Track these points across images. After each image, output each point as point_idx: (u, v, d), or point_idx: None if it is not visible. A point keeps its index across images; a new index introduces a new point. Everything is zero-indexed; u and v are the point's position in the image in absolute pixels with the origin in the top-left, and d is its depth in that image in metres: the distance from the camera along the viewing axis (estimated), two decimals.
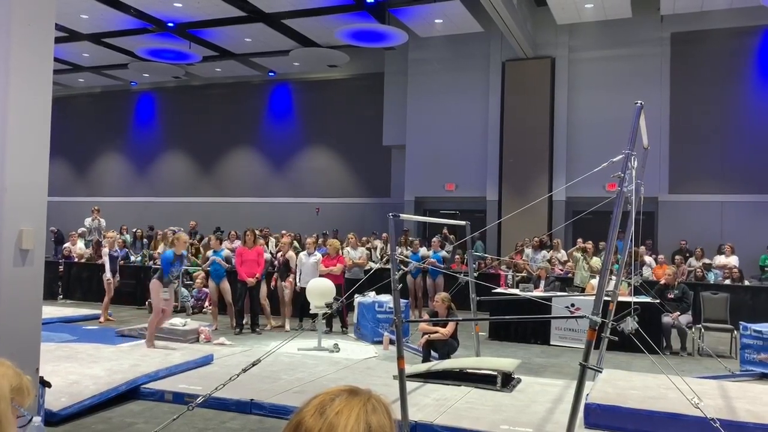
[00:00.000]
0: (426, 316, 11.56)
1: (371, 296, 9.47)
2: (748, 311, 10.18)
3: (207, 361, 7.06)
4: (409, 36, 16.39)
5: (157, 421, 5.17)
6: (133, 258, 14.52)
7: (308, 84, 20.82)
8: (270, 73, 20.97)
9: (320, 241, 12.83)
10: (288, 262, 10.40)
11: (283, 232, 13.25)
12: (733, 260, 13.16)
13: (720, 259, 13.32)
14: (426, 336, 7.39)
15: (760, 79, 15.32)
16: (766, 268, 13.47)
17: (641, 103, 4.97)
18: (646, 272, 12.56)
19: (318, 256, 10.30)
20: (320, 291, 8.58)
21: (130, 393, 5.86)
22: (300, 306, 10.10)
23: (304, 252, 10.39)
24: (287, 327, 10.11)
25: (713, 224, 15.02)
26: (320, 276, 9.83)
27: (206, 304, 11.54)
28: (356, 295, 9.36)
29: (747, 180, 15.00)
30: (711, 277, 12.62)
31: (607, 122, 15.03)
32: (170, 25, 16.74)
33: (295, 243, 12.62)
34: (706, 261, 13.25)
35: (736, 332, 8.56)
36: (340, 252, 10.80)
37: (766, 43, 15.32)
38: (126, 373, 6.06)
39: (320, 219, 19.40)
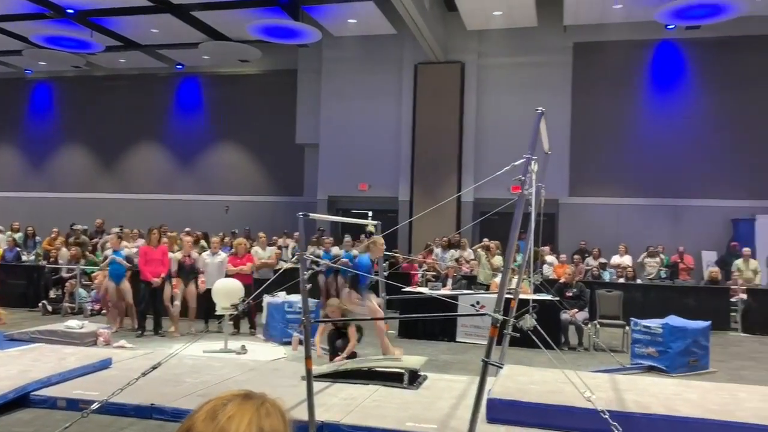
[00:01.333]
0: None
1: (281, 296, 9.36)
2: (639, 308, 10.84)
3: (105, 365, 6.75)
4: (322, 34, 16.32)
5: (48, 429, 4.89)
6: (25, 257, 13.66)
7: (219, 78, 20.30)
8: (178, 66, 20.28)
9: (227, 239, 12.56)
10: (194, 263, 10.11)
11: (188, 230, 12.86)
12: (626, 260, 14.00)
13: (615, 259, 14.12)
14: (323, 327, 7.47)
15: (653, 89, 16.36)
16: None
17: (542, 110, 5.19)
18: (548, 271, 13.12)
19: (223, 255, 10.08)
20: (227, 291, 8.39)
21: (20, 401, 5.51)
22: (205, 307, 9.84)
23: (208, 252, 10.14)
24: (192, 329, 9.82)
25: (610, 226, 15.90)
26: (228, 276, 9.64)
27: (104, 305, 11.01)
28: (265, 295, 9.22)
29: (641, 184, 15.98)
30: (606, 276, 13.35)
31: (514, 126, 15.56)
32: (70, 11, 15.83)
33: (203, 242, 12.28)
34: (603, 260, 14.01)
35: (627, 328, 9.10)
36: (249, 251, 10.61)
37: (658, 56, 16.38)
38: (15, 379, 5.69)
39: (230, 217, 18.97)
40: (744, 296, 11.77)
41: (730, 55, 15.61)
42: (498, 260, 12.06)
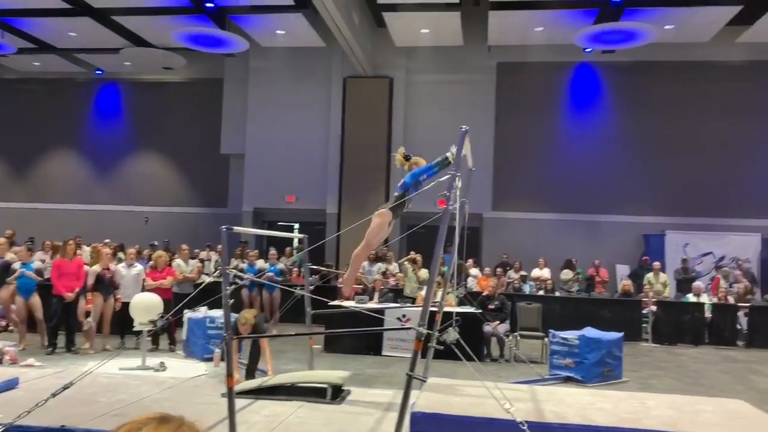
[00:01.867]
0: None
1: (202, 311, 9.12)
2: (557, 319, 11.21)
3: (11, 385, 6.34)
4: (250, 44, 16.14)
5: None
6: None
7: (140, 85, 19.67)
8: (97, 72, 19.52)
9: (146, 252, 12.15)
10: (113, 276, 9.71)
11: (107, 241, 12.36)
12: (545, 273, 14.47)
13: (535, 272, 14.57)
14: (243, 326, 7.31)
15: (571, 109, 17.08)
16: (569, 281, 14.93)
17: (466, 128, 5.32)
18: (472, 283, 13.39)
19: (139, 267, 9.73)
20: (145, 306, 8.10)
21: None
22: (119, 322, 9.47)
23: (123, 264, 9.77)
24: (107, 346, 9.40)
25: (530, 240, 16.41)
26: (148, 290, 9.32)
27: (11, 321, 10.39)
28: (186, 311, 8.96)
29: (560, 200, 16.61)
30: (527, 289, 13.75)
31: (441, 142, 15.59)
32: None
33: (120, 254, 11.81)
34: (524, 273, 14.43)
35: (546, 339, 9.39)
36: (169, 264, 10.30)
37: (577, 78, 17.13)
38: None
39: (149, 229, 18.33)
40: (654, 308, 12.40)
41: (642, 79, 16.52)
42: (424, 273, 12.20)
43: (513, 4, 13.91)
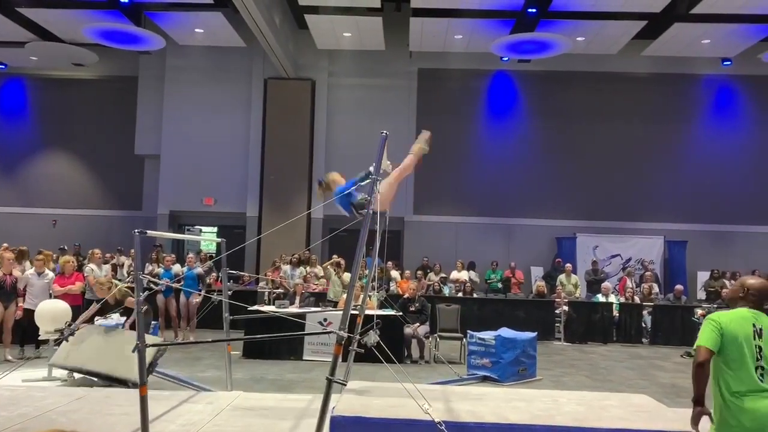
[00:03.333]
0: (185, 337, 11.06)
1: (115, 318, 8.74)
2: (476, 321, 11.50)
3: None
4: (166, 42, 15.67)
5: None
6: None
7: (48, 82, 18.66)
8: (0, 66, 18.39)
9: (55, 256, 11.54)
10: (15, 283, 9.16)
11: (5, 245, 11.65)
12: (464, 275, 14.80)
13: (454, 274, 14.87)
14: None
15: (489, 116, 17.56)
16: (488, 281, 15.39)
17: (386, 133, 5.38)
18: (393, 286, 13.52)
19: (50, 275, 9.25)
20: (52, 314, 7.69)
21: None
22: (22, 331, 8.95)
23: (31, 270, 9.25)
24: (8, 356, 8.87)
25: (450, 243, 16.75)
26: (56, 297, 8.86)
27: None
28: (97, 318, 8.56)
29: (478, 204, 17.04)
30: (446, 291, 14.02)
31: (363, 146, 15.87)
32: None
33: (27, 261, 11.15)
34: (443, 275, 14.70)
35: (464, 340, 9.60)
36: (79, 269, 9.82)
37: (494, 86, 17.63)
38: None
39: (58, 232, 17.44)
40: (566, 308, 12.92)
41: (555, 88, 17.21)
42: (348, 276, 12.21)
43: (433, 11, 14.16)
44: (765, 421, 3.16)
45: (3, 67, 18.40)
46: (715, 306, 12.49)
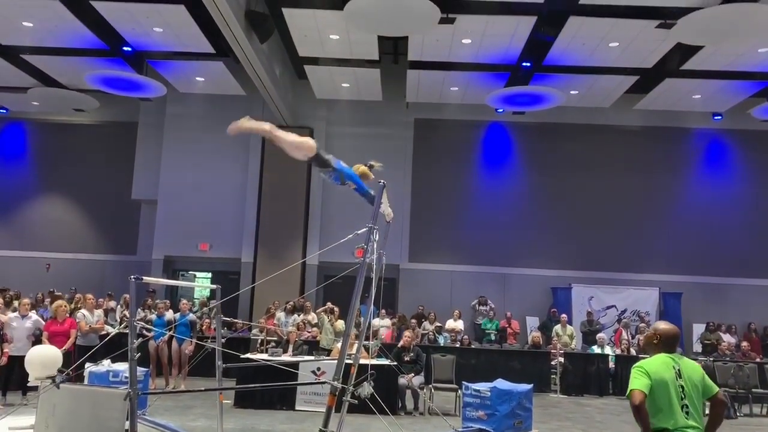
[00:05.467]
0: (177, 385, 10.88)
1: (106, 364, 8.62)
2: (471, 371, 11.36)
3: None
4: (167, 89, 15.92)
5: None
6: None
7: (49, 126, 18.84)
8: (1, 110, 18.59)
9: (47, 301, 11.45)
10: (2, 328, 9.06)
11: None
12: (459, 324, 14.70)
13: (449, 323, 14.77)
14: None
15: (484, 166, 17.75)
16: (486, 330, 15.26)
17: (384, 183, 5.46)
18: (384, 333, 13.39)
19: (34, 318, 9.14)
20: (42, 360, 7.57)
21: None
22: (5, 377, 8.81)
23: (15, 314, 9.16)
24: None
25: (445, 291, 16.69)
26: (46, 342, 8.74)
27: None
28: (88, 364, 8.44)
29: (473, 253, 17.04)
30: (441, 340, 13.89)
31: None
32: None
33: (15, 303, 11.06)
34: (438, 324, 14.59)
35: (459, 391, 9.47)
36: (71, 314, 9.73)
37: (489, 136, 17.88)
38: None
39: (52, 276, 17.32)
40: (562, 360, 12.80)
41: (550, 140, 17.47)
42: (341, 324, 12.11)
43: (430, 64, 14.49)
44: None
45: (4, 111, 18.62)
46: (711, 359, 12.40)
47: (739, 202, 17.27)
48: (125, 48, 14.27)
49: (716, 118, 16.99)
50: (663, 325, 3.93)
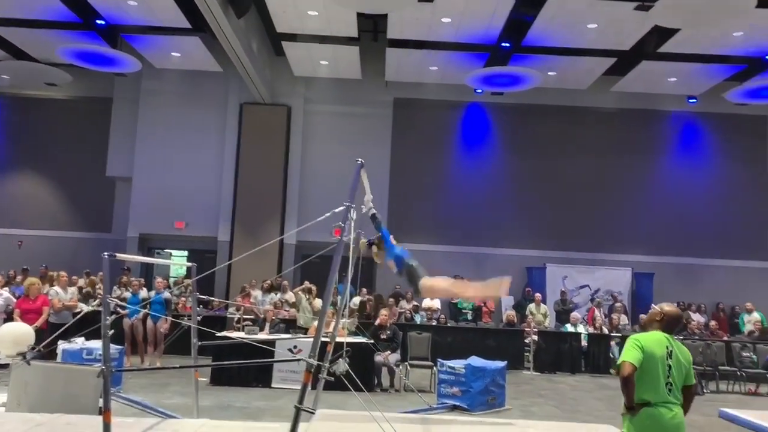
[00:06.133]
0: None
1: (79, 342, 8.57)
2: (446, 349, 11.50)
3: None
4: (142, 64, 15.65)
5: None
6: None
7: (20, 101, 18.39)
8: None
9: (19, 278, 11.31)
10: None
11: None
12: (436, 303, 14.81)
13: (426, 302, 14.87)
14: None
15: (462, 146, 17.79)
16: (463, 310, 15.38)
17: (362, 161, 5.44)
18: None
19: (5, 295, 9.04)
20: (13, 337, 7.49)
21: None
22: None
23: None
24: None
25: (422, 271, 16.73)
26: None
27: None
28: (61, 342, 8.38)
29: (451, 233, 17.13)
30: (418, 319, 14.01)
31: (338, 173, 15.89)
32: None
33: None
34: (415, 303, 14.69)
35: (435, 368, 9.59)
36: (43, 291, 9.63)
37: (468, 117, 17.90)
38: None
39: (24, 253, 17.06)
40: (535, 337, 13.00)
41: (527, 121, 17.54)
42: (319, 303, 12.13)
43: (409, 42, 14.41)
44: (665, 426, 3.80)
45: None
46: (681, 338, 12.68)
47: (711, 185, 17.56)
48: (98, 21, 13.97)
49: (691, 101, 17.20)
50: (668, 307, 4.10)
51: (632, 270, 16.82)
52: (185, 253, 17.60)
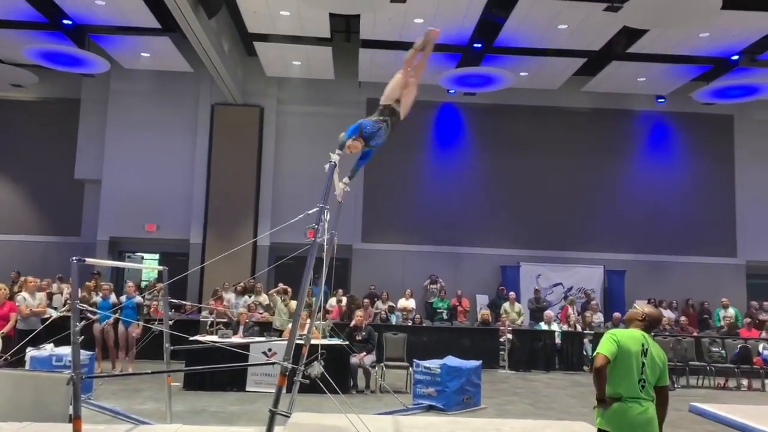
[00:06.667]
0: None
1: (48, 349, 8.38)
2: (422, 349, 11.48)
3: None
4: (111, 65, 15.39)
5: None
6: None
7: None
8: None
9: None
10: None
11: None
12: (411, 303, 14.84)
13: (401, 302, 14.90)
14: None
15: (436, 146, 17.85)
16: (438, 310, 15.43)
17: (335, 162, 5.42)
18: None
19: None
20: None
21: None
22: None
23: None
24: None
25: (397, 271, 16.80)
26: None
27: None
28: (29, 349, 8.19)
29: (425, 232, 17.18)
30: (393, 319, 14.01)
31: (311, 174, 15.74)
32: None
33: None
34: (391, 304, 14.70)
35: (411, 369, 9.59)
36: (12, 298, 9.40)
37: (441, 117, 17.95)
38: None
39: None
40: (510, 336, 13.09)
41: (500, 121, 17.66)
42: (295, 305, 12.05)
43: (382, 43, 14.39)
44: (635, 420, 3.88)
45: None
46: (651, 334, 12.86)
47: (680, 183, 17.88)
48: (65, 21, 13.69)
49: (660, 101, 17.50)
50: (649, 309, 4.23)
51: (604, 268, 17.04)
52: (156, 256, 17.36)
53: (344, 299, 13.84)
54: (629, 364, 3.91)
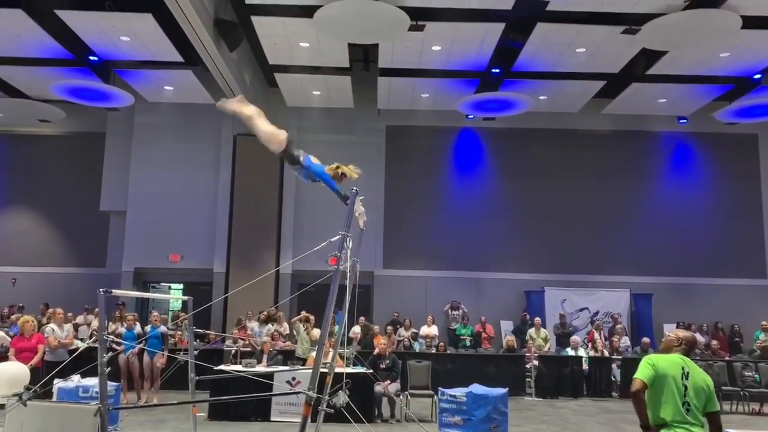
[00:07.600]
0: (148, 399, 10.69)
1: (75, 380, 8.45)
2: (447, 377, 11.37)
3: None
4: (135, 99, 15.72)
5: None
6: None
7: (13, 138, 18.43)
8: None
9: (14, 316, 11.18)
10: None
11: None
12: (434, 330, 14.72)
13: (424, 329, 14.78)
14: None
15: (456, 172, 17.84)
16: (462, 337, 15.27)
17: (356, 190, 5.45)
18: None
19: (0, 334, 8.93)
20: (8, 377, 7.38)
21: None
22: None
23: None
24: None
25: (420, 297, 16.71)
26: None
27: None
28: (56, 380, 8.26)
29: (447, 258, 17.10)
30: (417, 347, 13.89)
31: (332, 201, 15.87)
32: None
33: None
34: (414, 331, 14.59)
35: (436, 397, 9.48)
36: (38, 329, 9.51)
37: (460, 142, 17.98)
38: None
39: (18, 291, 16.92)
40: (536, 363, 12.89)
41: (520, 145, 17.64)
42: (318, 333, 12.02)
43: (400, 71, 14.53)
44: None
45: None
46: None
47: (704, 204, 17.63)
48: (91, 57, 14.05)
49: (681, 121, 17.36)
50: (683, 333, 4.22)
51: (630, 291, 16.76)
52: (181, 286, 17.49)
53: (358, 327, 13.77)
54: (669, 388, 3.84)
